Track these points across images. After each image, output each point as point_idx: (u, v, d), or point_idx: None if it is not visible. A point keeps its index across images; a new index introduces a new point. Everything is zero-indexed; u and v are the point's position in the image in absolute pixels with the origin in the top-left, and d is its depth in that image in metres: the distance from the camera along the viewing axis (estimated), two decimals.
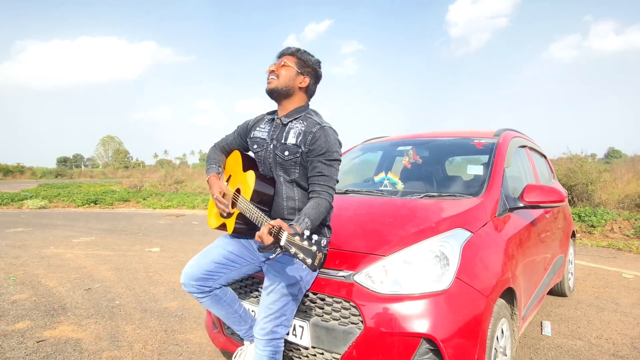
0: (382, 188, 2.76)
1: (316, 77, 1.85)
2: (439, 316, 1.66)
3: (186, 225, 8.67)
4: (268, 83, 1.78)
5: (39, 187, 19.94)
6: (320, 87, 1.92)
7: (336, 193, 2.23)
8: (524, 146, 3.18)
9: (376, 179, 2.90)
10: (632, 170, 14.10)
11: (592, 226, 7.82)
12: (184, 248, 6.03)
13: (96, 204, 13.42)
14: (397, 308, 1.67)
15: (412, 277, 1.74)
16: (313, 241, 1.35)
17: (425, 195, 2.38)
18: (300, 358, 1.88)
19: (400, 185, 2.73)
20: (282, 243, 1.38)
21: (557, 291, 3.72)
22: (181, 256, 5.46)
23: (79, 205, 13.17)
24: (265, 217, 1.58)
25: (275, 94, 1.79)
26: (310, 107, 1.87)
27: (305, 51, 1.83)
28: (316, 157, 1.68)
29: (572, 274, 3.97)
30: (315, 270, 1.35)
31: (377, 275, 1.76)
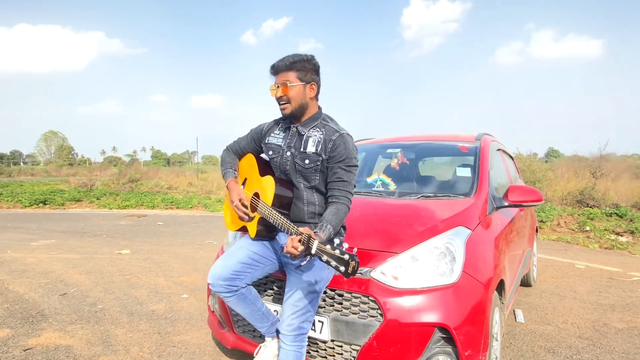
0: (375, 189, 2.91)
1: (317, 71, 1.82)
2: (450, 307, 1.83)
3: (151, 226, 8.43)
4: (283, 109, 1.79)
5: None
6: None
7: None
8: (499, 149, 3.45)
9: (369, 180, 3.05)
10: (572, 169, 15.35)
11: (542, 221, 8.45)
12: (156, 250, 5.89)
13: (45, 204, 12.66)
14: (412, 301, 1.82)
15: (424, 272, 1.90)
16: (344, 249, 1.45)
17: (422, 196, 2.56)
18: (317, 352, 1.98)
19: (393, 186, 2.89)
20: (312, 252, 1.47)
21: (524, 282, 4.06)
22: (155, 258, 5.34)
23: (26, 206, 12.36)
24: (291, 224, 1.64)
25: (293, 117, 1.82)
26: (322, 110, 1.91)
27: (297, 57, 1.77)
28: (336, 163, 1.76)
29: (535, 265, 4.35)
30: (348, 277, 1.44)
31: (391, 272, 1.90)
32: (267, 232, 1.86)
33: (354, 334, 1.85)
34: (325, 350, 1.96)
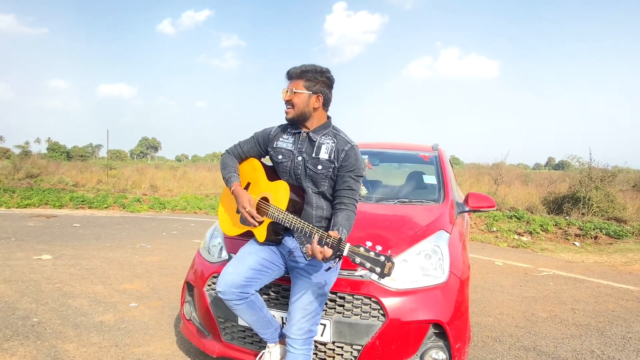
0: None
1: (329, 86, 1.88)
2: (443, 304, 2.00)
3: (66, 227, 7.60)
4: (286, 113, 1.87)
5: None
6: (198, 79, 1.95)
7: None
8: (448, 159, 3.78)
9: None
10: (473, 175, 17.09)
11: None
12: (81, 254, 5.34)
13: None
14: (411, 300, 1.96)
15: (418, 273, 2.05)
16: (378, 251, 1.52)
17: (398, 202, 2.72)
18: (316, 354, 2.02)
19: (364, 191, 3.02)
20: (344, 253, 1.53)
21: None
22: (84, 264, 4.85)
23: None
24: (314, 227, 1.67)
25: (294, 122, 1.89)
26: (331, 120, 1.94)
27: (311, 67, 1.84)
28: (347, 172, 1.83)
29: None
30: (383, 278, 1.51)
31: None
32: (275, 236, 1.86)
33: (356, 335, 1.93)
34: (324, 352, 2.01)
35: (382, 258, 1.49)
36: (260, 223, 1.85)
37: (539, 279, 4.95)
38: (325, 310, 1.98)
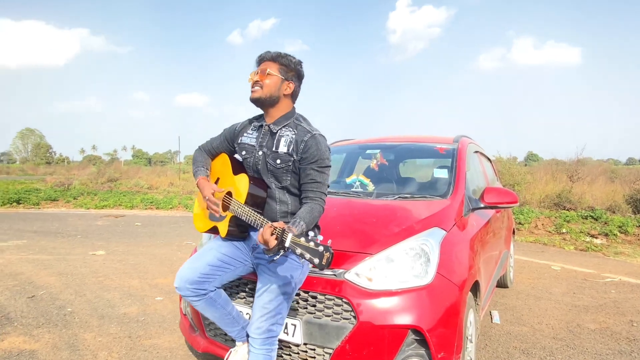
0: (354, 189, 2.88)
1: (299, 78, 1.85)
2: (424, 308, 1.81)
3: (128, 226, 8.24)
4: (252, 92, 1.78)
5: None
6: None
7: None
8: (476, 152, 3.47)
9: (348, 180, 3.02)
10: (549, 172, 15.66)
11: (520, 223, 8.58)
12: (132, 251, 5.74)
13: (19, 203, 12.27)
14: (386, 303, 1.80)
15: (398, 273, 1.88)
16: (318, 241, 1.41)
17: (398, 197, 2.54)
18: (290, 355, 1.94)
19: (371, 187, 2.87)
20: (286, 244, 1.44)
21: (500, 283, 4.09)
22: (131, 260, 5.21)
23: None
24: (264, 219, 1.62)
25: (259, 103, 1.80)
26: (296, 111, 1.90)
27: (286, 54, 1.81)
28: (309, 164, 1.73)
29: (512, 267, 4.39)
30: (322, 270, 1.41)
31: (365, 273, 1.87)
32: (239, 231, 1.81)
33: (326, 337, 1.82)
34: (297, 354, 1.92)
35: (321, 248, 1.38)
36: (222, 218, 1.82)
37: (600, 286, 4.37)
38: (297, 309, 1.89)
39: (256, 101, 1.79)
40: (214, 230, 1.91)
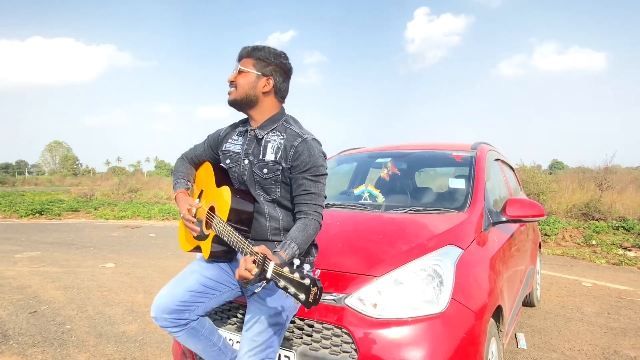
0: (362, 201, 2.65)
1: (284, 72, 1.60)
2: (437, 341, 1.56)
3: (142, 237, 8.18)
4: (228, 95, 1.59)
5: None
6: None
7: None
8: (497, 159, 3.20)
9: (356, 191, 2.79)
10: (576, 181, 14.99)
11: (546, 235, 8.14)
12: (141, 263, 5.63)
13: (42, 214, 12.48)
14: (393, 334, 1.55)
15: (407, 299, 1.64)
16: (305, 272, 1.19)
17: (410, 210, 2.30)
18: None
19: (381, 199, 2.64)
20: (268, 275, 1.22)
21: (526, 302, 3.76)
22: (139, 272, 5.08)
23: (22, 216, 12.19)
24: (246, 242, 1.40)
25: (237, 106, 1.60)
26: (286, 113, 1.67)
27: (264, 47, 1.59)
28: (300, 173, 1.51)
29: (539, 284, 4.05)
30: (309, 307, 1.19)
31: (369, 298, 1.64)
32: (224, 252, 1.60)
33: None
34: None
35: (307, 281, 1.16)
36: (205, 236, 1.62)
37: (637, 305, 3.97)
38: (292, 339, 1.67)
39: (233, 104, 1.58)
40: (198, 250, 1.71)
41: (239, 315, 1.84)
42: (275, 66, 1.57)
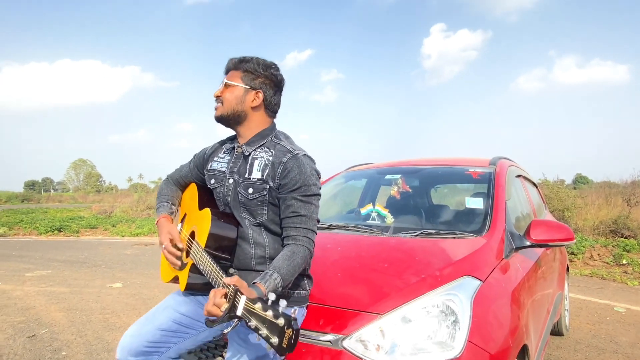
0: (369, 222, 2.43)
1: (274, 85, 1.47)
2: None
3: (154, 255, 8.09)
4: (215, 110, 1.45)
5: (1, 213, 18.72)
6: (301, 114, 1.53)
7: (318, 229, 1.88)
8: (519, 175, 2.94)
9: (362, 211, 2.57)
10: (602, 196, 14.35)
11: (573, 254, 7.69)
12: (148, 283, 5.49)
13: (60, 231, 12.60)
14: None
15: (416, 341, 1.40)
16: (280, 310, 0.99)
17: (420, 233, 2.06)
18: None
19: (390, 219, 2.41)
20: (238, 312, 1.02)
21: (554, 330, 3.43)
22: (145, 293, 4.93)
23: (41, 233, 12.33)
24: (220, 272, 1.21)
25: (224, 122, 1.46)
26: (276, 128, 1.52)
27: (253, 58, 1.46)
28: (289, 193, 1.33)
29: (567, 310, 3.71)
30: (283, 354, 0.98)
31: (372, 340, 1.40)
32: (202, 284, 1.40)
33: None
34: None
35: (282, 322, 0.95)
36: (183, 266, 1.44)
37: None
38: None
39: (219, 120, 1.44)
40: (176, 280, 1.53)
41: (223, 355, 1.63)
42: (265, 78, 1.43)
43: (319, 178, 1.40)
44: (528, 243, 2.08)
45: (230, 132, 1.54)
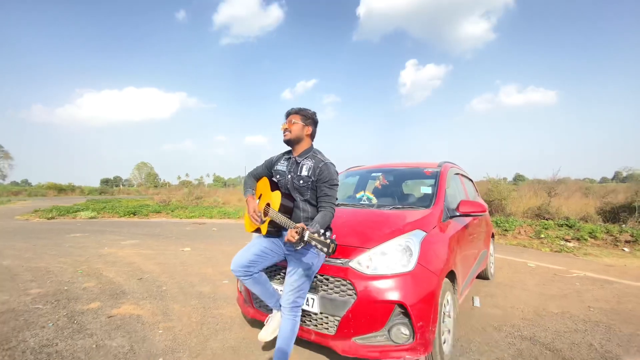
0: (362, 202, 2.97)
1: (315, 123, 1.99)
2: (407, 289, 1.86)
3: (207, 230, 8.64)
4: (284, 136, 1.96)
5: (88, 202, 19.31)
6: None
7: None
8: (457, 173, 3.47)
9: (357, 195, 3.12)
10: (532, 190, 14.79)
11: (506, 230, 8.19)
12: (208, 248, 6.05)
13: (135, 214, 13.15)
14: (379, 284, 1.87)
15: (389, 263, 1.95)
16: (327, 237, 1.54)
17: (393, 207, 2.61)
18: (310, 321, 2.03)
19: (374, 200, 2.95)
20: (305, 238, 1.57)
21: (483, 276, 3.96)
22: (207, 254, 5.49)
23: (121, 216, 12.88)
24: (291, 221, 1.76)
25: (290, 143, 1.98)
26: (314, 147, 2.04)
27: (303, 108, 1.97)
28: (322, 183, 1.87)
29: (492, 263, 4.23)
30: (329, 256, 1.53)
31: (364, 262, 1.96)
32: (275, 231, 1.96)
33: (335, 308, 1.91)
34: (316, 320, 2.01)
35: (329, 241, 1.52)
36: (263, 221, 1.98)
37: (567, 280, 4.11)
38: (315, 287, 2.00)
39: (287, 142, 1.97)
40: (258, 231, 2.07)
41: (282, 274, 2.18)
42: (311, 119, 1.96)
43: (338, 175, 1.95)
44: (457, 214, 2.62)
45: (251, 145, 2.06)
